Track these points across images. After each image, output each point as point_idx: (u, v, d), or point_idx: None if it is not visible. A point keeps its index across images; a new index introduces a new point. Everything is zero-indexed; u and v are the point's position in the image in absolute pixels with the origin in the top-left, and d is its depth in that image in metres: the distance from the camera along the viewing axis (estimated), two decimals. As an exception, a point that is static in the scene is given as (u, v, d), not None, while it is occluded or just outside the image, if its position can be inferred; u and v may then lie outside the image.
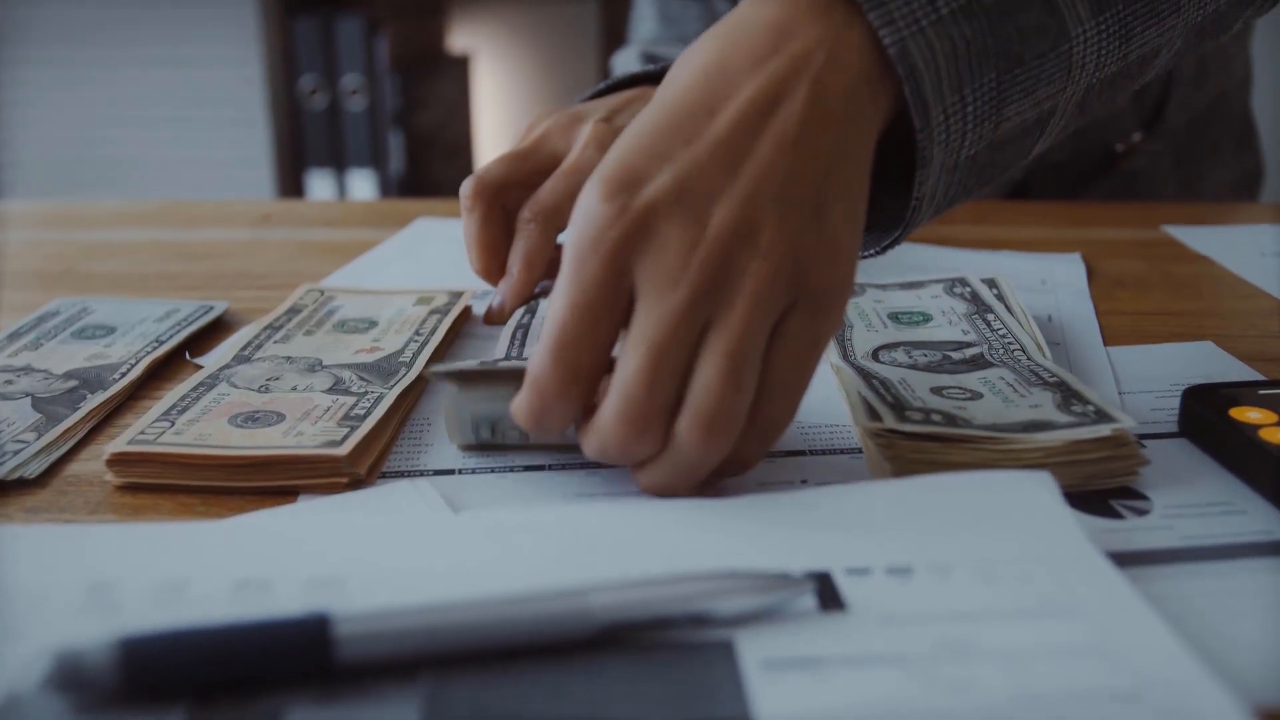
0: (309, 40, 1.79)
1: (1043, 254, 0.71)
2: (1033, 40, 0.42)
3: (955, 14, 0.40)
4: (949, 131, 0.41)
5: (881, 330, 0.54)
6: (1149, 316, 0.61)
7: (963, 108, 0.41)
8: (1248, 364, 0.54)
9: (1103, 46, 0.44)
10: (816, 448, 0.46)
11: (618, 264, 0.37)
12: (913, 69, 0.39)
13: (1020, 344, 0.52)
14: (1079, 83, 0.44)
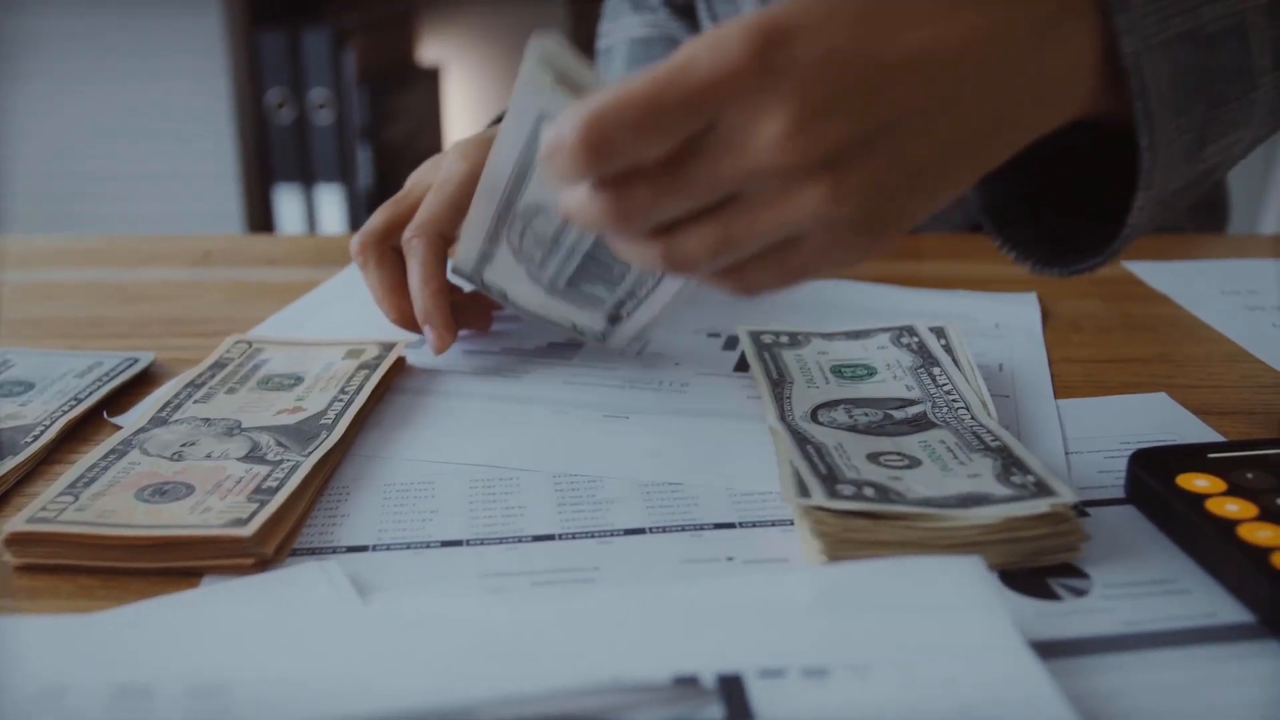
0: (275, 53, 1.77)
1: (999, 293, 0.69)
2: (1234, 82, 0.41)
3: (1182, 38, 0.39)
4: (1167, 155, 0.41)
5: (823, 386, 0.53)
6: (1103, 365, 0.59)
7: (1178, 135, 0.40)
8: (1201, 418, 0.53)
9: (1275, 100, 0.43)
10: (748, 519, 0.44)
11: (716, 102, 0.34)
12: (1143, 85, 0.38)
13: (965, 401, 0.50)
14: (1248, 137, 0.44)
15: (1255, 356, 0.60)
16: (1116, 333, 0.63)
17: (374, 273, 0.59)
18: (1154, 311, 0.67)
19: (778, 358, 0.55)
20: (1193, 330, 0.64)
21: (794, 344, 0.57)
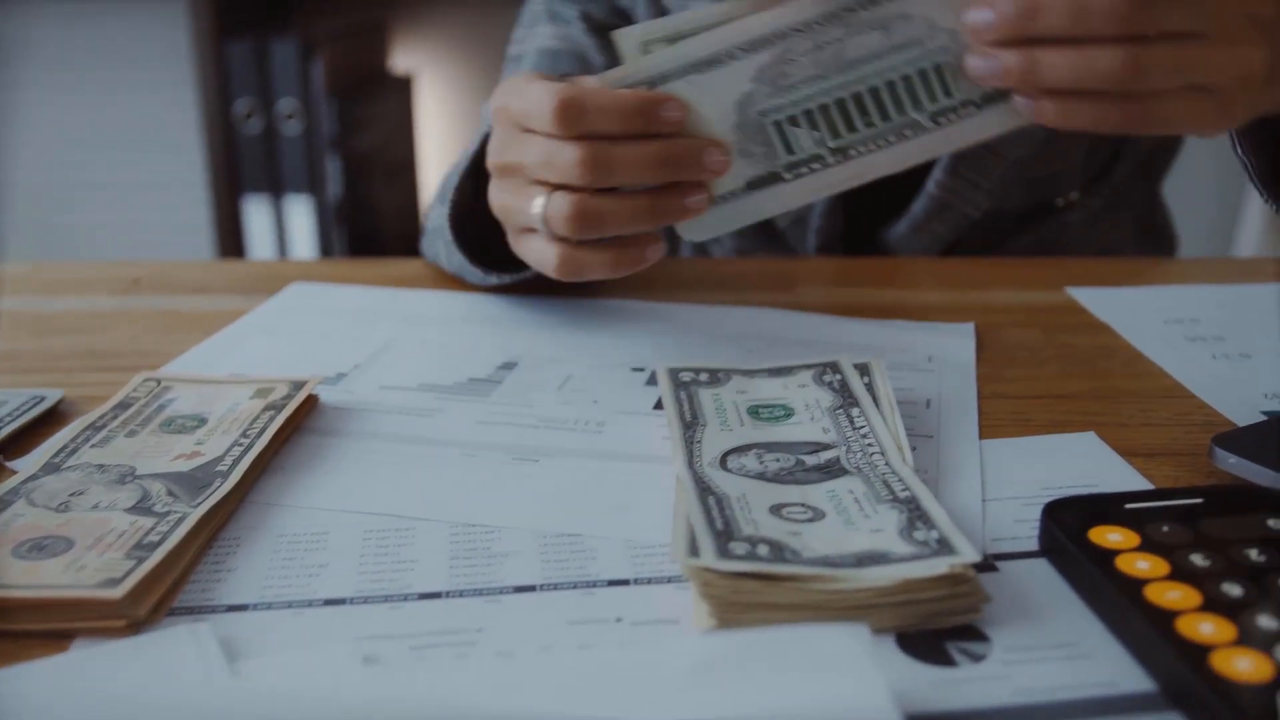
0: (243, 63, 1.75)
1: (937, 324, 0.67)
2: None
3: None
4: None
5: (737, 429, 0.51)
6: (1032, 402, 0.57)
7: None
8: (1128, 460, 0.51)
9: None
10: (644, 574, 0.43)
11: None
12: None
13: (881, 446, 0.49)
14: None
15: (1190, 391, 0.58)
16: (1051, 365, 0.62)
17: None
18: (1092, 342, 0.65)
19: (694, 397, 0.54)
20: (1130, 363, 0.62)
21: (713, 382, 0.55)
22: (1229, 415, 0.56)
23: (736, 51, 0.54)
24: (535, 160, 0.55)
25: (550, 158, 0.54)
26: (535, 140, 0.55)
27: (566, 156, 0.53)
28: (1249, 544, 0.42)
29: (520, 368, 0.62)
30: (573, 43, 0.89)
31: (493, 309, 0.71)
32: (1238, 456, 0.49)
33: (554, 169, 0.54)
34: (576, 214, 0.54)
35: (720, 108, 0.55)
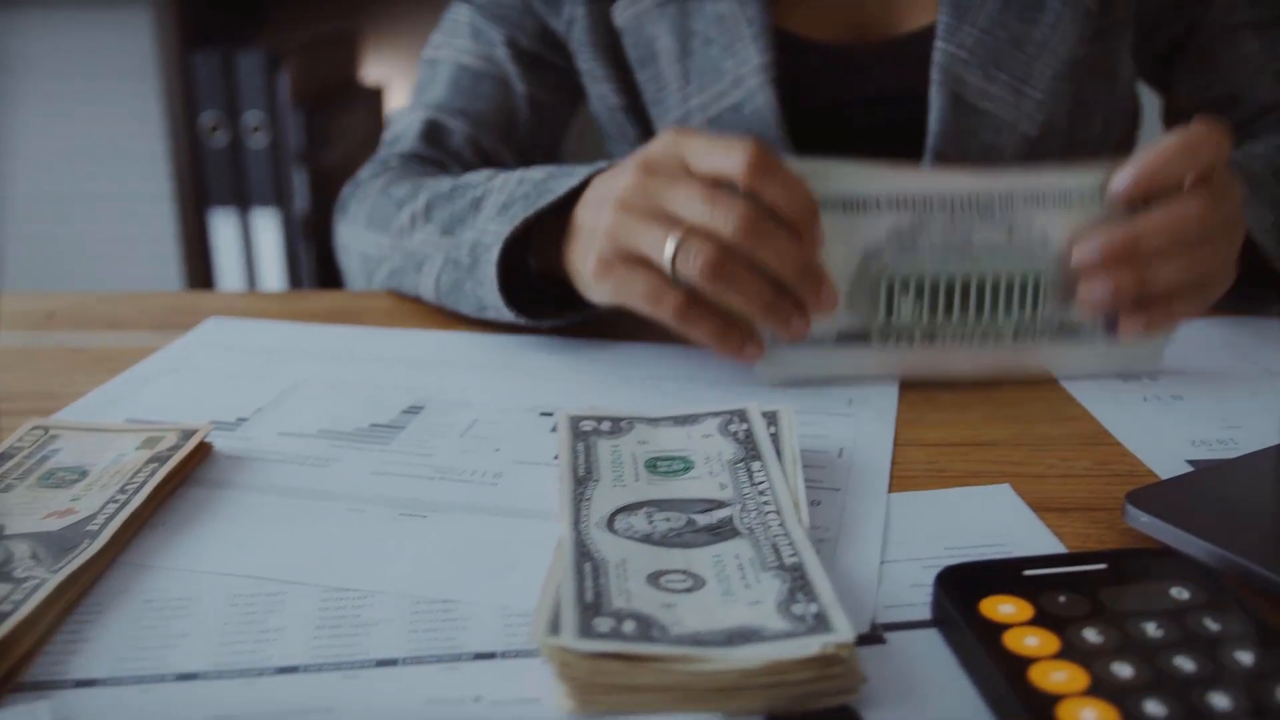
0: (209, 75, 1.73)
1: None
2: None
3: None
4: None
5: (631, 485, 0.49)
6: (950, 450, 0.55)
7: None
8: (1041, 515, 0.49)
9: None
10: (513, 647, 0.41)
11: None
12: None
13: (777, 504, 0.47)
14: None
15: (1115, 438, 0.56)
16: (976, 409, 0.60)
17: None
18: (1021, 384, 0.63)
19: (592, 449, 0.52)
20: (1057, 406, 0.60)
21: (614, 432, 0.53)
22: (1152, 465, 0.54)
23: (884, 202, 0.58)
24: (694, 196, 0.56)
25: (716, 201, 0.55)
26: (699, 183, 0.56)
27: (736, 206, 0.55)
28: (1148, 617, 0.40)
29: (426, 411, 0.60)
30: (496, 66, 0.88)
31: (411, 348, 0.69)
32: (1150, 515, 0.47)
33: (715, 213, 0.55)
34: (716, 263, 0.55)
35: (848, 250, 0.59)
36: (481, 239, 0.67)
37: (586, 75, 0.88)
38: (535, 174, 0.69)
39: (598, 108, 0.90)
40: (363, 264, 0.81)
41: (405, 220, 0.76)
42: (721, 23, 0.81)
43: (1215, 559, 0.45)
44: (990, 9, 0.79)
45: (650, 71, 0.84)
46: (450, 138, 0.88)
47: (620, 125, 0.88)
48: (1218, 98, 0.88)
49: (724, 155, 0.56)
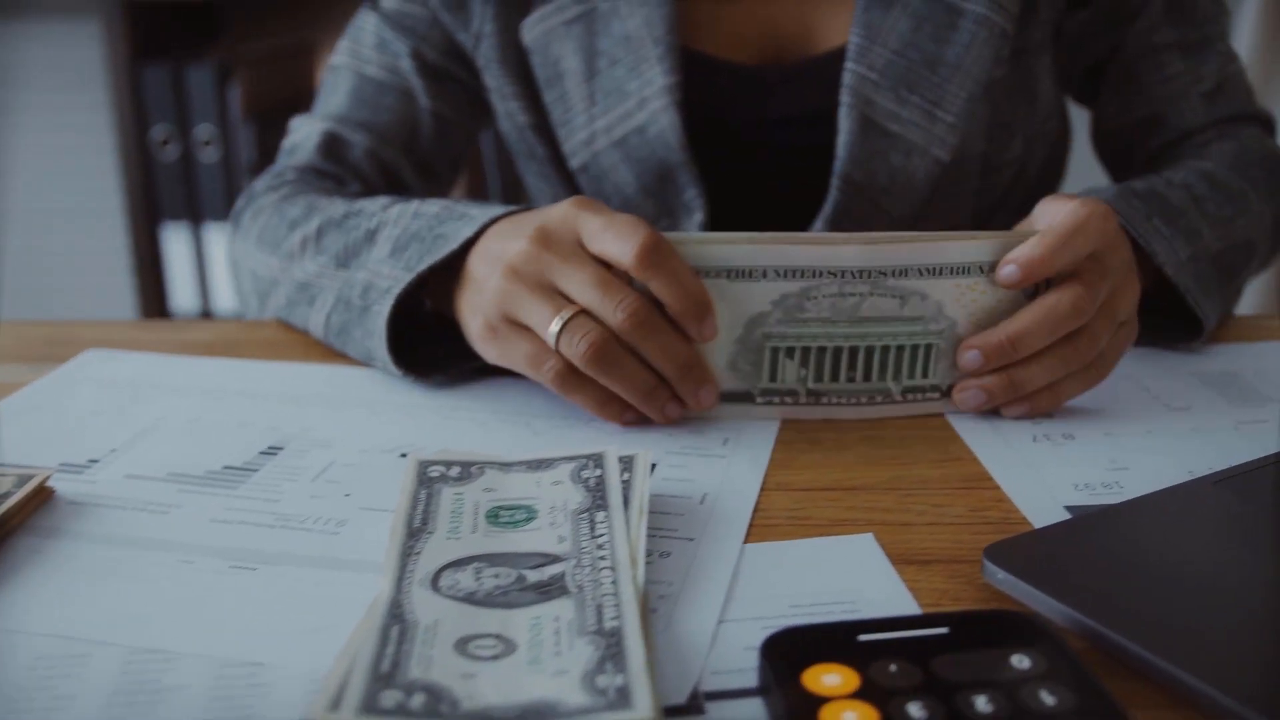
0: (159, 88, 1.71)
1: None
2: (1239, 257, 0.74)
3: (1191, 258, 0.69)
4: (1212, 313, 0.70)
5: (466, 537, 0.47)
6: (819, 495, 0.53)
7: (1219, 304, 0.72)
8: (900, 568, 0.47)
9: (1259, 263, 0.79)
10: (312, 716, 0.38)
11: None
12: (1187, 286, 0.67)
13: (614, 560, 0.44)
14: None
15: (994, 481, 0.54)
16: (854, 450, 0.58)
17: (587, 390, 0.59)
18: (907, 422, 0.61)
19: (434, 497, 0.49)
20: (941, 445, 0.58)
21: (462, 478, 0.51)
22: (1027, 513, 0.51)
23: (771, 272, 0.57)
24: (585, 280, 0.56)
25: (606, 289, 0.56)
26: (591, 266, 0.56)
27: (625, 300, 0.55)
28: (981, 689, 0.38)
29: (285, 453, 0.58)
30: (400, 78, 0.86)
31: (285, 383, 0.66)
32: (1006, 572, 0.45)
33: (605, 302, 0.56)
34: (598, 350, 0.56)
35: (733, 317, 0.58)
36: (375, 282, 0.65)
37: (494, 93, 0.85)
38: (430, 208, 0.67)
39: (506, 126, 0.87)
40: (254, 283, 0.79)
41: (296, 244, 0.73)
42: (628, 43, 0.79)
43: (1069, 621, 0.42)
44: (902, 30, 0.77)
45: (557, 92, 0.81)
46: (350, 151, 0.85)
47: (529, 144, 0.86)
48: (1142, 119, 0.86)
49: (617, 241, 0.55)
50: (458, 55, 0.85)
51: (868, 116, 0.76)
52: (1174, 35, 0.84)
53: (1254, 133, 0.86)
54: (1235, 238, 0.74)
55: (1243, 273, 0.76)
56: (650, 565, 0.47)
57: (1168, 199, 0.70)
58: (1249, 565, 0.46)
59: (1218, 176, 0.76)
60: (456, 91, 0.87)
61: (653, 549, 0.48)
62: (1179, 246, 0.68)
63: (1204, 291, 0.68)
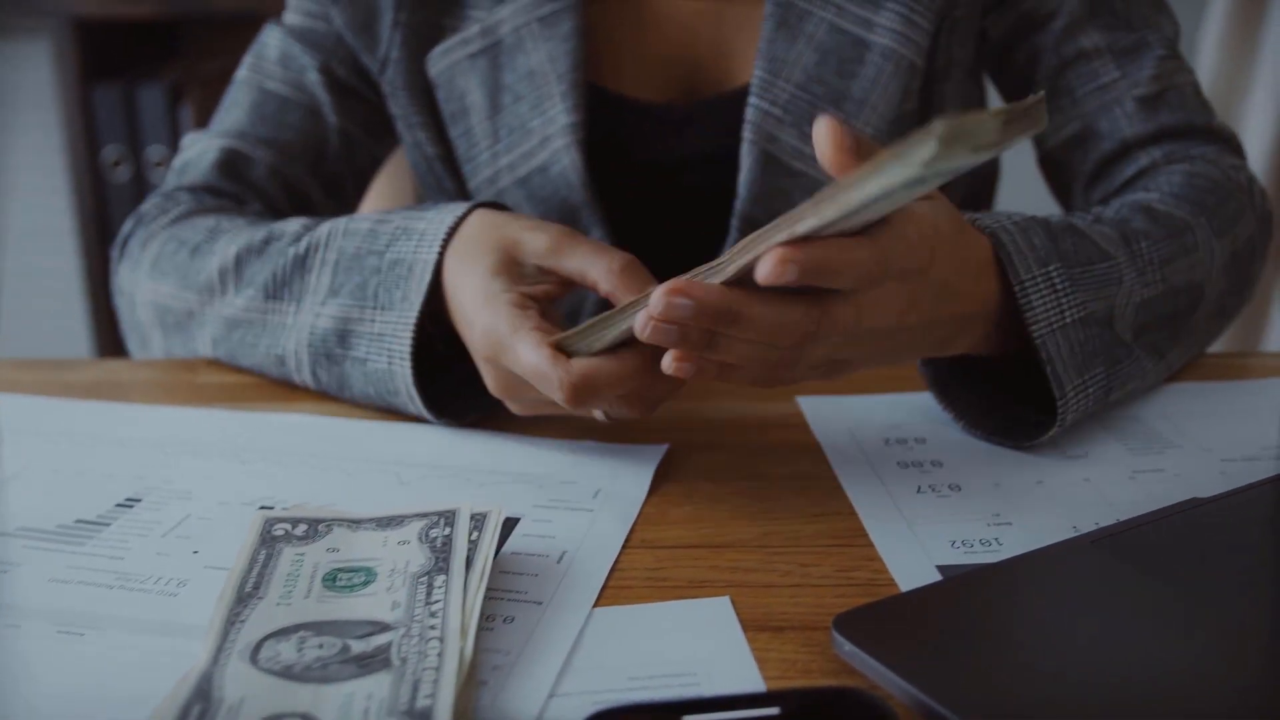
0: (110, 109, 1.70)
1: (628, 445, 0.61)
2: (1121, 347, 0.62)
3: (1076, 323, 0.59)
4: (1077, 403, 0.59)
5: (298, 604, 0.45)
6: (682, 553, 0.51)
7: (1084, 388, 0.59)
8: (752, 635, 0.45)
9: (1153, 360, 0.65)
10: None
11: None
12: (1049, 356, 0.58)
13: (444, 630, 0.43)
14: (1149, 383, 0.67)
15: (868, 538, 0.52)
16: (728, 502, 0.56)
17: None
18: (790, 470, 0.59)
19: (273, 558, 0.48)
20: (821, 499, 0.56)
21: (306, 537, 0.49)
22: (897, 573, 0.50)
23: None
24: (551, 410, 0.58)
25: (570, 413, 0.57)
26: (534, 393, 0.57)
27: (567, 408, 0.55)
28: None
29: (141, 505, 0.56)
30: (306, 94, 0.82)
31: (160, 428, 0.64)
32: (852, 644, 0.43)
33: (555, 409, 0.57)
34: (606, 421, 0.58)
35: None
36: (353, 329, 0.64)
37: (401, 121, 0.82)
38: (360, 225, 0.65)
39: (414, 156, 0.84)
40: (154, 314, 0.75)
41: (214, 275, 0.70)
42: (532, 79, 0.77)
43: (910, 700, 0.41)
44: (807, 64, 0.75)
45: (462, 126, 0.79)
46: (251, 168, 0.81)
47: (438, 176, 0.83)
48: (1076, 134, 0.79)
49: (544, 388, 0.55)
50: (365, 76, 0.83)
51: (770, 154, 0.74)
52: (1104, 39, 0.77)
53: (1209, 152, 0.77)
54: (1173, 281, 0.65)
55: (1186, 320, 0.67)
56: (490, 632, 0.45)
57: (1083, 241, 0.61)
58: (1114, 635, 0.44)
59: (1157, 209, 0.68)
60: (365, 111, 0.84)
61: (496, 613, 0.46)
62: (1069, 304, 0.58)
63: (1079, 363, 0.58)
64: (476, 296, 0.58)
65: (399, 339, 0.61)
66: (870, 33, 0.75)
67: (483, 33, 0.78)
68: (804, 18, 0.75)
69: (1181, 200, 0.70)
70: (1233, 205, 0.72)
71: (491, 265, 0.59)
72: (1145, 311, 0.63)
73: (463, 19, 0.79)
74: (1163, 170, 0.75)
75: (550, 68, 0.76)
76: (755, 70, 0.75)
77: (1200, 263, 0.67)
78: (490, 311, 0.57)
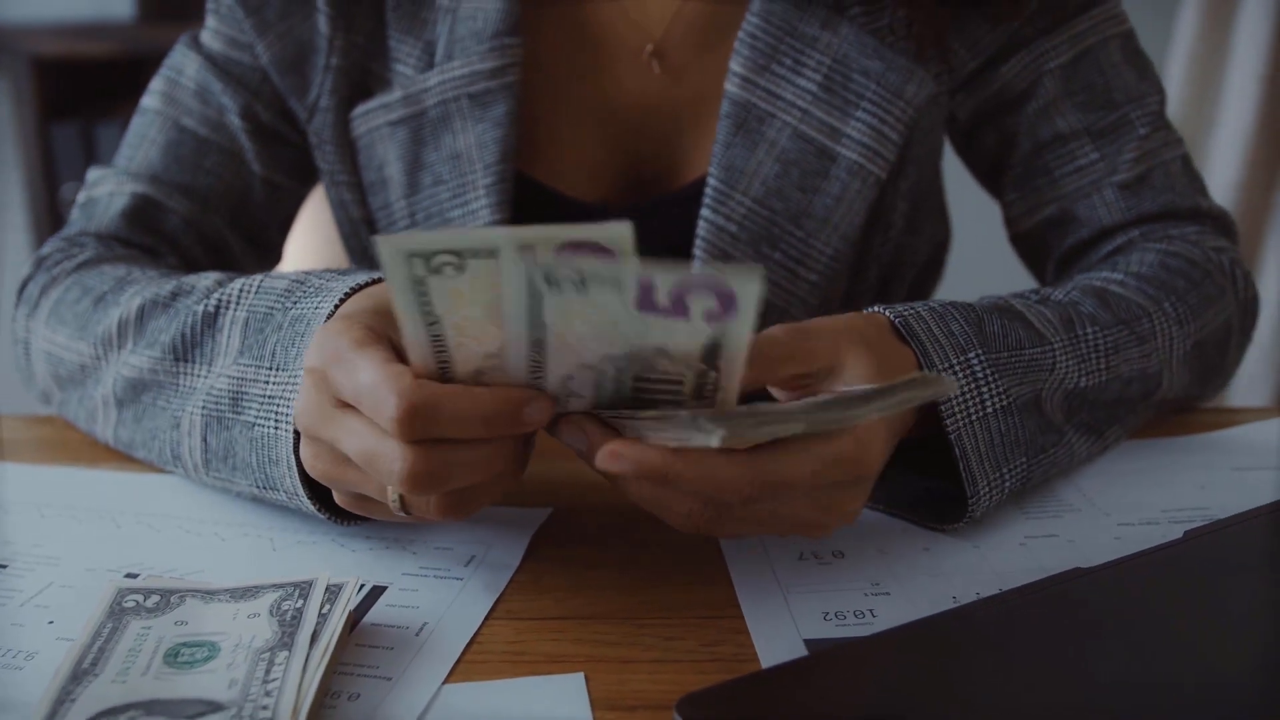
0: (68, 148, 1.70)
1: (515, 508, 0.60)
2: (1048, 435, 0.59)
3: (997, 413, 0.56)
4: (990, 496, 0.56)
5: (134, 680, 0.44)
6: (546, 625, 0.50)
7: (1000, 482, 0.56)
8: (603, 714, 0.44)
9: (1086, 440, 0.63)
10: None
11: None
12: (963, 452, 0.55)
13: (275, 710, 0.42)
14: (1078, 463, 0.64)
15: (740, 609, 0.51)
16: (604, 570, 0.55)
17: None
18: (673, 536, 0.57)
19: (118, 631, 0.47)
20: (697, 563, 0.55)
21: (157, 609, 0.48)
22: (761, 649, 0.49)
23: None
24: (356, 451, 0.46)
25: (374, 459, 0.45)
26: (357, 426, 0.46)
27: (396, 466, 0.44)
28: None
29: (7, 570, 0.55)
30: (227, 136, 0.76)
31: (42, 491, 0.63)
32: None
33: (378, 471, 0.46)
34: (446, 507, 0.47)
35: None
36: (245, 390, 0.56)
37: (326, 176, 0.78)
38: (277, 283, 0.58)
39: (338, 215, 0.80)
40: (49, 366, 0.69)
41: (112, 327, 0.63)
42: (455, 163, 0.72)
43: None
44: (766, 175, 0.70)
45: (381, 199, 0.75)
46: (165, 219, 0.75)
47: (362, 241, 0.79)
48: (1051, 218, 0.76)
49: (369, 406, 0.45)
50: (292, 120, 0.77)
51: None
52: (1081, 120, 0.74)
53: (1190, 232, 0.74)
54: (1119, 370, 0.62)
55: (1137, 406, 0.65)
56: (333, 710, 0.44)
57: (1015, 324, 0.59)
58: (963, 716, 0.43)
59: (1112, 293, 0.65)
60: (290, 155, 0.78)
61: (343, 689, 0.45)
62: (991, 393, 0.56)
63: (997, 457, 0.56)
64: (336, 317, 0.51)
65: (286, 401, 0.54)
66: (837, 143, 0.71)
67: (405, 100, 0.73)
68: (765, 121, 0.71)
69: (1146, 282, 0.68)
70: (1208, 288, 0.69)
71: (374, 305, 0.52)
72: (1080, 399, 0.61)
73: (389, 70, 0.74)
74: (1137, 247, 0.73)
75: (477, 154, 0.72)
76: (710, 179, 0.71)
77: (1155, 351, 0.65)
78: (339, 327, 0.49)
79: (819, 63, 0.71)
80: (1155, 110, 0.76)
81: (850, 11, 0.71)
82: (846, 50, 0.71)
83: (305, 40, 0.74)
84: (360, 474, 0.48)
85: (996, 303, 0.60)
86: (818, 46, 0.71)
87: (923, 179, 0.78)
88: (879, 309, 0.56)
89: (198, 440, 0.59)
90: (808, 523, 0.49)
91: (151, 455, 0.62)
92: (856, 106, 0.70)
